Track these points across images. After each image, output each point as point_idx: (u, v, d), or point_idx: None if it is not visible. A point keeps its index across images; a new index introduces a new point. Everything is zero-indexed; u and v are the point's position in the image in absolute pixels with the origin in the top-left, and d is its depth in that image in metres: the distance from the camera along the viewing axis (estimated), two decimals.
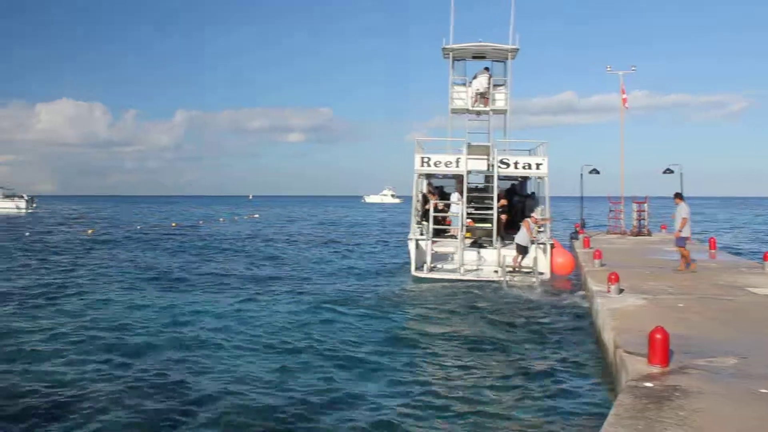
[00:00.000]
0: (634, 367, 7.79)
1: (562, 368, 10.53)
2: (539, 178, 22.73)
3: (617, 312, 11.40)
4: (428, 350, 11.93)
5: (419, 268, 21.17)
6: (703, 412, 6.18)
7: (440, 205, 22.40)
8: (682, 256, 17.08)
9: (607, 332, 10.46)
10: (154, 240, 39.53)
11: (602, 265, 18.05)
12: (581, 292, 17.18)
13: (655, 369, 7.64)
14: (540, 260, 20.20)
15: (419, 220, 22.79)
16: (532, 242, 20.25)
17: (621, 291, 13.40)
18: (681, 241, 16.86)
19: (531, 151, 24.40)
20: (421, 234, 21.69)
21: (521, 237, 20.07)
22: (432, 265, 21.12)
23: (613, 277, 13.50)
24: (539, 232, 20.57)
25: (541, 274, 19.81)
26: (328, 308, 16.08)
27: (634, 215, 30.18)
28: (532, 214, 21.25)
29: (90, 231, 47.28)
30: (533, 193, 24.93)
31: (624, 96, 30.88)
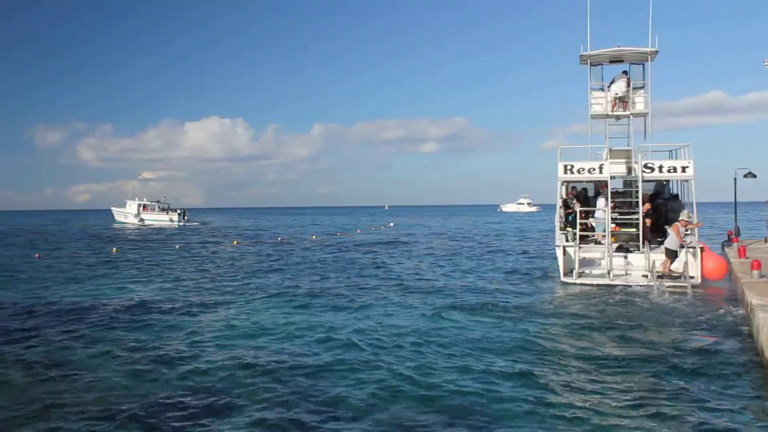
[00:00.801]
0: None
1: (716, 395, 9.65)
2: (684, 180, 22.46)
3: None
4: (580, 368, 11.54)
5: (568, 273, 21.41)
6: None
7: (583, 213, 22.08)
8: None
9: None
10: (296, 252, 41.00)
11: (762, 276, 16.74)
12: (737, 309, 15.95)
13: None
14: (690, 264, 19.91)
15: (563, 226, 22.97)
16: (682, 246, 19.98)
17: None
18: None
19: (672, 153, 24.10)
20: (567, 240, 22.01)
21: (670, 241, 19.89)
22: (580, 270, 21.34)
23: None
24: (686, 234, 20.23)
25: (692, 278, 19.49)
26: (485, 316, 16.34)
27: None
28: (681, 218, 20.49)
29: (235, 242, 49.95)
30: (676, 195, 24.38)
31: None
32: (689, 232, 20.63)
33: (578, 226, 21.61)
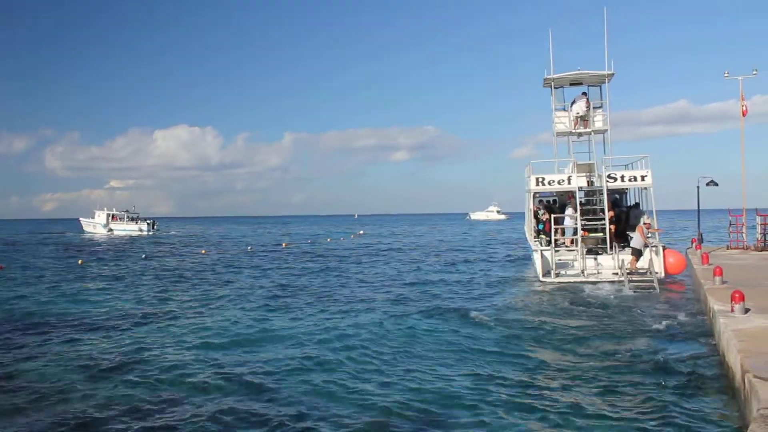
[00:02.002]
0: (767, 394, 7.28)
1: (681, 393, 9.94)
2: (644, 188, 25.15)
3: (743, 333, 10.70)
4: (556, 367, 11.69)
5: (547, 274, 23.49)
6: None
7: (557, 220, 24.32)
8: None
9: (732, 355, 9.84)
10: (265, 260, 40.80)
11: (723, 282, 17.04)
12: (701, 315, 16.27)
13: None
14: (654, 261, 22.46)
15: (536, 233, 25.59)
16: (646, 246, 22.70)
17: (747, 311, 12.58)
18: None
19: (629, 166, 26.69)
20: (542, 245, 24.26)
21: (636, 241, 22.65)
22: (556, 272, 23.39)
23: (737, 295, 12.69)
24: (648, 237, 22.93)
25: (656, 273, 21.96)
26: (468, 321, 16.81)
27: (759, 228, 28.33)
28: (644, 221, 23.30)
29: (203, 251, 49.52)
30: (638, 203, 26.86)
31: (743, 102, 29.16)
32: (650, 234, 23.19)
33: (553, 233, 23.70)
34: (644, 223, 23.01)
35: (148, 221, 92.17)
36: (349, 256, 43.24)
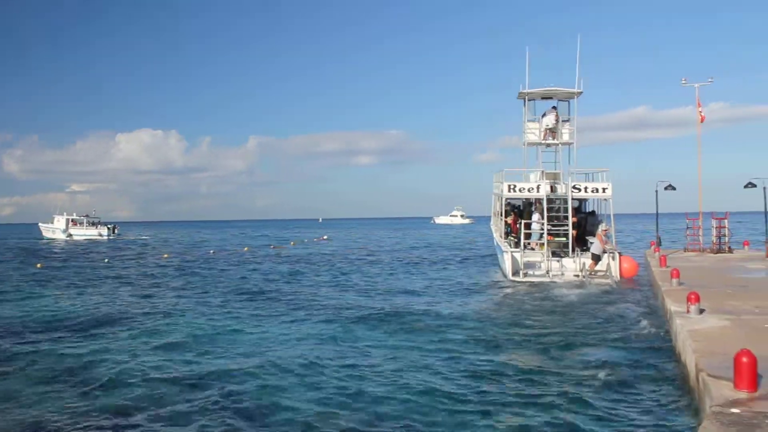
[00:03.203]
0: (719, 392, 7.43)
1: (638, 391, 10.12)
2: (604, 199, 27.28)
3: (698, 333, 10.93)
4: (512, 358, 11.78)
5: (516, 273, 25.15)
6: None
7: (526, 224, 26.29)
8: None
9: (687, 354, 10.04)
10: (227, 264, 40.42)
11: (680, 284, 17.41)
12: (658, 316, 16.57)
13: (743, 394, 7.27)
14: (611, 265, 24.46)
15: (506, 236, 28.08)
16: (604, 251, 24.56)
17: (701, 311, 12.87)
18: None
19: (589, 176, 28.71)
20: (511, 247, 26.28)
21: (595, 247, 24.51)
22: (524, 271, 25.04)
23: (692, 296, 12.96)
24: (606, 243, 24.80)
25: (613, 276, 24.09)
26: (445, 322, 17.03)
27: (714, 232, 29.01)
28: (602, 228, 25.27)
29: (165, 255, 48.84)
30: (593, 211, 29.50)
31: (700, 109, 29.88)
32: (608, 241, 25.12)
33: (522, 235, 25.65)
34: (602, 231, 24.96)
35: (109, 226, 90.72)
36: (312, 260, 43.05)
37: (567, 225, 25.86)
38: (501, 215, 29.08)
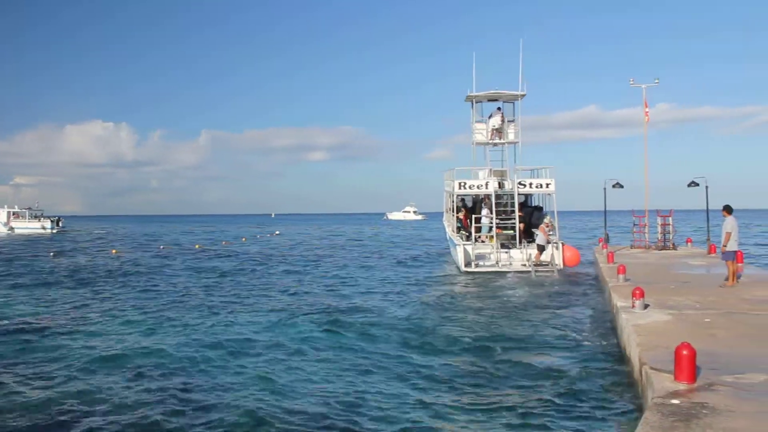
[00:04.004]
0: (661, 384, 7.66)
1: (584, 384, 10.37)
2: (548, 194, 29.36)
3: (642, 328, 11.24)
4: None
5: (468, 264, 26.67)
6: (733, 430, 6.05)
7: (477, 219, 28.17)
8: (731, 270, 16.68)
9: (632, 348, 10.31)
10: (177, 261, 39.80)
11: (626, 280, 17.83)
12: (605, 311, 16.97)
13: (682, 386, 7.52)
14: (555, 255, 26.32)
15: (458, 230, 29.60)
16: (548, 242, 26.38)
17: (646, 306, 13.22)
18: (728, 255, 16.51)
19: (534, 172, 30.55)
20: (463, 240, 27.80)
21: (540, 238, 26.41)
22: (476, 262, 26.67)
23: (637, 292, 13.31)
24: (550, 235, 26.57)
25: (556, 265, 25.90)
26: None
27: (659, 229, 29.80)
28: (545, 221, 27.09)
29: (114, 251, 47.80)
30: (540, 206, 31.41)
31: (646, 109, 30.62)
32: (552, 233, 26.80)
33: (473, 229, 27.55)
34: (545, 223, 26.91)
35: (52, 219, 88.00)
36: (262, 256, 42.71)
37: (514, 219, 27.74)
38: (453, 211, 30.60)
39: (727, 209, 16.73)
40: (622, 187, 31.45)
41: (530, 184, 29.10)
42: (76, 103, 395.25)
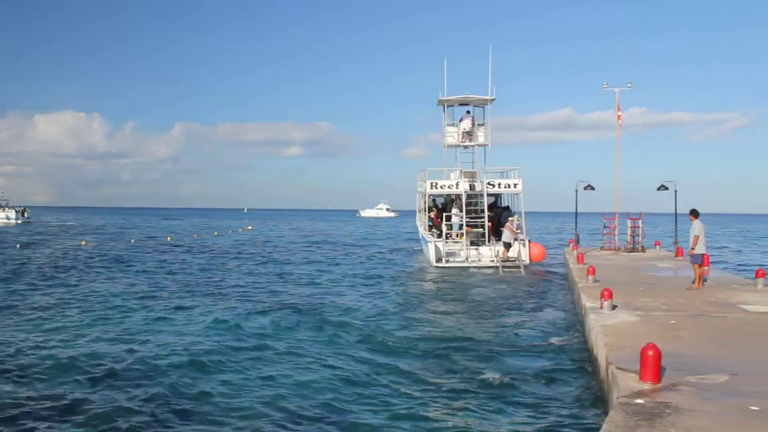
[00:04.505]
0: (626, 383, 7.76)
1: (552, 384, 10.49)
2: (516, 194, 31.27)
3: (610, 328, 11.37)
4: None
5: (439, 260, 28.07)
6: (695, 429, 6.15)
7: (448, 217, 29.58)
8: (697, 273, 16.92)
9: (599, 348, 10.42)
10: (148, 254, 39.37)
11: (596, 281, 18.02)
12: (574, 311, 17.15)
13: (647, 386, 7.62)
14: (521, 251, 27.88)
15: (429, 229, 31.26)
16: (515, 239, 28.04)
17: (614, 307, 13.38)
18: (695, 258, 16.75)
19: (504, 173, 31.86)
20: (436, 237, 29.24)
21: (506, 236, 27.98)
22: (446, 259, 28.01)
23: (606, 293, 13.46)
24: (518, 232, 28.32)
25: (523, 261, 27.34)
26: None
27: (629, 231, 30.18)
28: (510, 219, 28.74)
29: (83, 243, 47.13)
30: (507, 206, 32.91)
31: (619, 113, 30.95)
32: (519, 231, 28.51)
33: (444, 227, 28.85)
34: (510, 221, 28.47)
35: (17, 209, 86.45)
36: (233, 250, 42.51)
37: (483, 218, 29.37)
38: (426, 211, 32.13)
39: (694, 213, 17.00)
40: (593, 189, 31.79)
41: (499, 184, 30.79)
42: (46, 92, 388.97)
